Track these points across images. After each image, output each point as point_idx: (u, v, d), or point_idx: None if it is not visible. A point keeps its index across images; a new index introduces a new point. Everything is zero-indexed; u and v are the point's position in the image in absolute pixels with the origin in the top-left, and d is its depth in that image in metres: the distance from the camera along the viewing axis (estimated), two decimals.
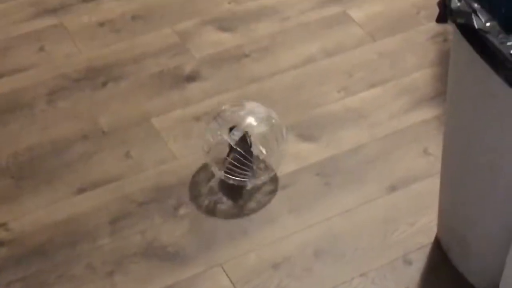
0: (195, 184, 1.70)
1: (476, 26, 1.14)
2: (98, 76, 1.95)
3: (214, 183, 1.71)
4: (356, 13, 2.11)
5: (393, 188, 1.68)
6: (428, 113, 1.83)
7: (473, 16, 1.16)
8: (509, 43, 1.14)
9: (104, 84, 1.92)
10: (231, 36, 2.06)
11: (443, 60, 1.95)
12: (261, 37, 2.05)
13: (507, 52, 1.12)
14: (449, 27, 2.07)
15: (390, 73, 1.94)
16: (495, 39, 1.14)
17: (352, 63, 1.97)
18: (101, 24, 2.09)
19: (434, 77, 1.92)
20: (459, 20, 1.18)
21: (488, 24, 1.16)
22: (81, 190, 1.69)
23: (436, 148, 1.70)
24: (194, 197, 1.67)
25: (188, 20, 2.10)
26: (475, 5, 1.19)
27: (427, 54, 1.99)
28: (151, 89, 1.91)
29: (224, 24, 2.10)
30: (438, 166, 1.54)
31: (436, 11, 2.09)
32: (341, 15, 2.11)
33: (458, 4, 1.19)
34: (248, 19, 2.11)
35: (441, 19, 2.10)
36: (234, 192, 1.70)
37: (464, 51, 1.21)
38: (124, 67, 1.97)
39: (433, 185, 1.59)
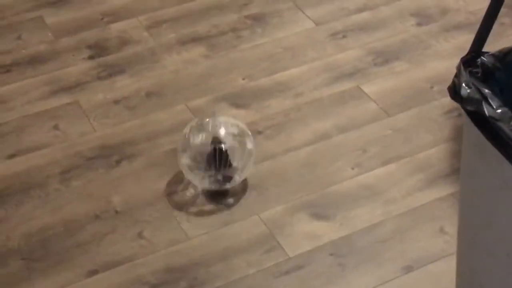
0: (207, 265, 1.68)
1: (487, 114, 1.13)
2: (112, 154, 1.95)
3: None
4: (369, 88, 2.11)
5: (409, 269, 1.65)
6: (443, 190, 1.81)
7: (484, 103, 1.14)
8: None
9: (118, 163, 1.92)
10: (244, 112, 2.06)
11: (458, 136, 1.93)
12: (274, 113, 2.05)
13: None
14: None
15: (404, 149, 1.93)
16: (506, 127, 1.12)
17: (366, 139, 1.96)
18: (116, 102, 2.11)
19: (449, 153, 1.90)
20: (469, 108, 1.17)
21: (499, 110, 1.15)
22: (93, 272, 1.67)
23: (452, 227, 1.68)
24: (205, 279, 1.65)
25: (202, 97, 2.11)
26: (486, 91, 1.18)
27: (442, 129, 1.97)
28: (165, 167, 1.91)
29: (238, 100, 2.10)
30: (454, 245, 1.51)
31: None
32: (354, 91, 2.11)
33: (468, 90, 1.18)
34: (262, 95, 2.11)
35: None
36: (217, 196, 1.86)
37: (476, 137, 1.19)
38: (138, 145, 1.97)
39: (449, 265, 1.56)
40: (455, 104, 2.08)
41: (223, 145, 1.79)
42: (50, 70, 2.22)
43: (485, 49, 1.96)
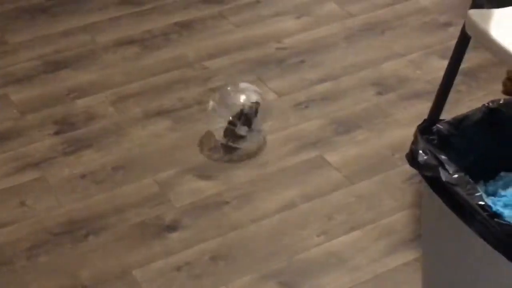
0: None
1: (444, 179, 1.18)
2: (79, 229, 1.96)
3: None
4: (332, 157, 2.16)
5: None
6: (408, 256, 1.84)
7: (440, 169, 1.19)
8: (477, 194, 1.17)
9: (86, 237, 1.93)
10: (211, 184, 2.09)
11: (419, 202, 1.98)
12: (241, 183, 2.09)
13: (475, 204, 1.15)
14: None
15: (368, 216, 1.97)
16: (463, 191, 1.17)
17: (331, 207, 2.00)
18: (83, 176, 2.12)
19: (412, 219, 1.95)
20: (426, 173, 1.22)
21: (455, 175, 1.20)
22: None
23: None
24: None
25: (168, 170, 2.14)
26: (442, 157, 1.23)
27: (404, 196, 2.02)
28: (132, 240, 1.92)
29: (204, 172, 2.13)
30: None
31: None
32: (318, 160, 2.15)
33: (425, 157, 1.23)
34: (228, 166, 2.15)
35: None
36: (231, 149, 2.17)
37: (434, 202, 1.24)
38: (105, 219, 1.98)
39: None
40: (415, 170, 2.14)
41: (248, 107, 2.18)
42: (16, 147, 2.23)
43: (443, 116, 2.04)
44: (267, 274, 1.81)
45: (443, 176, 1.18)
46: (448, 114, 2.13)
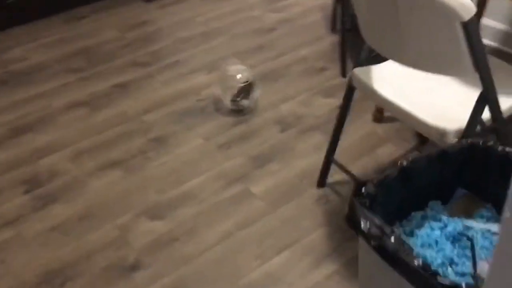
0: None
1: (388, 248, 0.94)
2: (55, 278, 1.61)
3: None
4: (255, 189, 1.89)
5: None
6: (329, 268, 1.61)
7: (385, 238, 0.95)
8: (415, 256, 0.93)
9: (62, 285, 1.59)
10: (162, 223, 1.78)
11: (329, 220, 1.75)
12: (186, 220, 1.79)
13: (415, 265, 0.91)
14: (328, 190, 1.90)
15: (292, 237, 1.72)
16: (403, 255, 0.93)
17: (261, 233, 1.74)
18: (53, 229, 1.76)
19: (326, 235, 1.71)
20: (372, 242, 0.97)
21: (394, 240, 0.96)
22: None
23: None
24: None
25: (125, 215, 1.81)
26: (377, 221, 0.98)
27: (316, 216, 1.78)
28: (103, 282, 1.59)
29: (155, 212, 1.82)
30: None
31: (315, 177, 1.90)
32: (245, 192, 1.88)
33: (368, 226, 0.98)
34: (173, 206, 1.84)
35: (320, 184, 1.91)
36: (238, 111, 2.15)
37: (371, 257, 1.00)
38: (78, 266, 1.64)
39: None
40: (321, 192, 1.91)
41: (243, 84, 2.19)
42: None
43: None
44: None
45: (387, 245, 0.93)
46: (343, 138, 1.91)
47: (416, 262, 0.91)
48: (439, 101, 1.55)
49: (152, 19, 2.93)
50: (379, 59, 2.00)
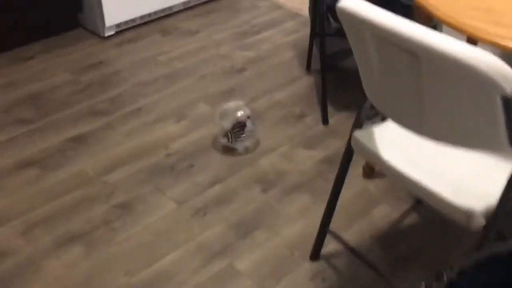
0: None
1: None
2: None
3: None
4: (241, 264, 1.66)
5: None
6: None
7: None
8: None
9: None
10: None
11: None
12: None
13: None
14: (323, 264, 1.69)
15: None
16: None
17: None
18: None
19: None
20: None
21: None
22: None
23: None
24: None
25: None
26: None
27: None
28: None
29: None
30: None
31: (307, 248, 1.69)
32: (229, 269, 1.65)
33: None
34: None
35: (314, 257, 1.70)
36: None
37: None
38: None
39: None
40: (315, 267, 1.70)
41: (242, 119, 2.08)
42: None
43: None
44: None
45: None
46: (323, 204, 1.72)
47: None
48: (454, 170, 1.38)
49: (109, 59, 2.67)
50: (377, 116, 1.82)
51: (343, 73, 2.59)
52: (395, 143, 1.46)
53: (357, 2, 1.20)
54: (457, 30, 1.39)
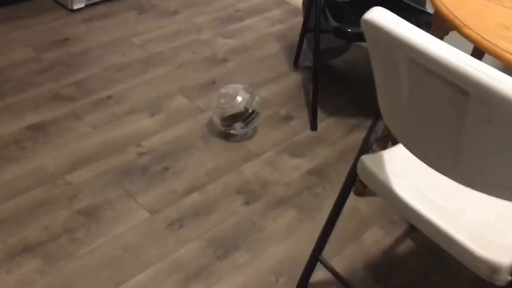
0: None
1: None
2: None
3: None
4: None
5: None
6: None
7: None
8: None
9: None
10: None
11: None
12: None
13: None
14: None
15: None
16: None
17: None
18: None
19: None
20: None
21: None
22: None
23: None
24: None
25: None
26: None
27: None
28: None
29: None
30: None
31: (293, 274, 1.53)
32: None
33: None
34: None
35: (301, 286, 1.54)
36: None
37: None
38: None
39: None
40: None
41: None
42: None
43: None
44: None
45: None
46: (312, 223, 1.57)
47: None
48: (477, 211, 1.23)
49: (77, 35, 2.42)
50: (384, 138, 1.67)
51: (332, 73, 2.42)
52: (408, 173, 1.31)
53: (392, 16, 1.02)
54: (490, 54, 1.24)
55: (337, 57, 2.51)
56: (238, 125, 1.92)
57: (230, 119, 1.93)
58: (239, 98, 1.92)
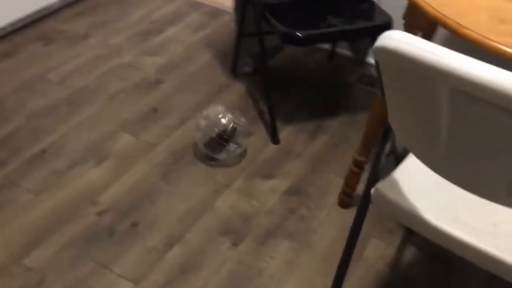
0: None
1: None
2: None
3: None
4: None
5: None
6: None
7: None
8: None
9: None
10: None
11: None
12: None
13: None
14: None
15: None
16: None
17: None
18: None
19: None
20: None
21: None
22: None
23: None
24: None
25: None
26: None
27: None
28: None
29: None
30: None
31: None
32: None
33: None
34: None
35: None
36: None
37: None
38: None
39: None
40: None
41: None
42: None
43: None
44: None
45: None
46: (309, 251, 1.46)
47: None
48: (504, 221, 1.17)
49: None
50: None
51: (272, 76, 2.28)
52: (428, 190, 1.22)
53: (417, 41, 0.90)
54: (496, 54, 1.16)
55: (272, 58, 2.38)
56: (231, 146, 1.83)
57: (215, 143, 1.81)
58: (223, 120, 1.81)
